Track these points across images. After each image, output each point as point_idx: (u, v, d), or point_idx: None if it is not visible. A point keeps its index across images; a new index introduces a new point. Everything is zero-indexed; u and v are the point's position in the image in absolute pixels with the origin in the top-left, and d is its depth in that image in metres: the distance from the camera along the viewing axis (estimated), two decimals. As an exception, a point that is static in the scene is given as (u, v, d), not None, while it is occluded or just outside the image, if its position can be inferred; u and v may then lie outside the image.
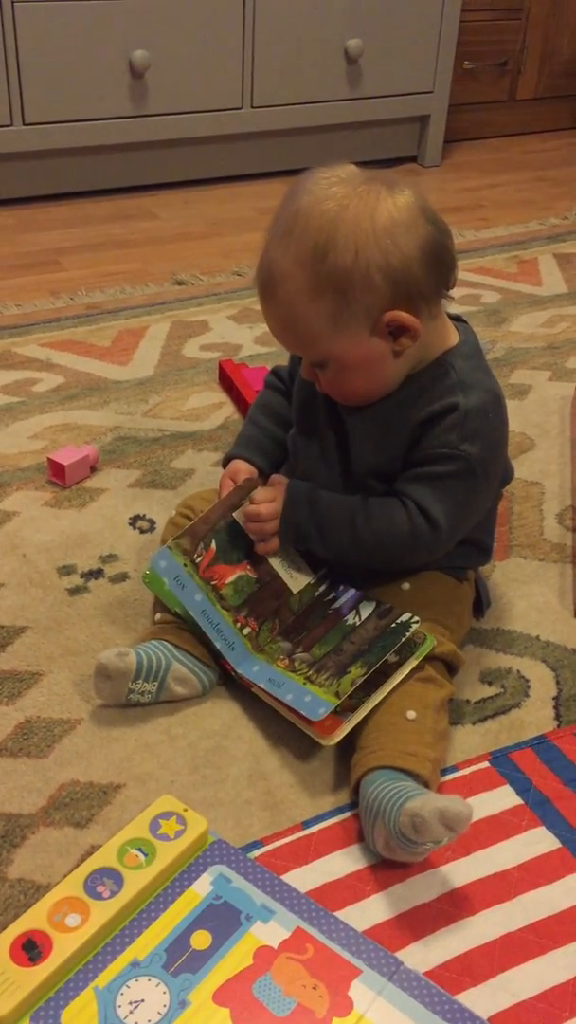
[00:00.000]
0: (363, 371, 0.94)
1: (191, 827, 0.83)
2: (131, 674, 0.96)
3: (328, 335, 0.91)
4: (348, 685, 0.92)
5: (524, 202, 2.50)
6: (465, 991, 0.76)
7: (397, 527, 0.96)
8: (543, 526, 1.28)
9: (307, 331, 0.91)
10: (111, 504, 1.30)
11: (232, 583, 0.99)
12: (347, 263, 0.87)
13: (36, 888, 0.83)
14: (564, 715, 1.01)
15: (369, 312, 0.89)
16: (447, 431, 0.94)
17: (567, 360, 1.69)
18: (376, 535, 0.97)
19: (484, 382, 0.97)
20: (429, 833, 0.78)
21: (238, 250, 2.12)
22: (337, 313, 0.89)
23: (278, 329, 0.95)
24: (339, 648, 0.97)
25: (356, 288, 0.88)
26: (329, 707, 0.91)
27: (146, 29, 2.18)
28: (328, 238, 0.87)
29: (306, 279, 0.88)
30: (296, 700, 0.93)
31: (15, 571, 1.17)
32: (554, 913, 0.82)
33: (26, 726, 0.97)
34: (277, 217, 0.92)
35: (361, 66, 2.46)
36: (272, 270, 0.91)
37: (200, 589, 0.97)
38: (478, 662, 1.06)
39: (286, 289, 0.90)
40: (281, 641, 1.00)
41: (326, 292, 0.88)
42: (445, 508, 0.95)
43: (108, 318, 1.79)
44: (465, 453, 0.94)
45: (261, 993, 0.73)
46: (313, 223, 0.88)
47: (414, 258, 0.88)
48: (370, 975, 0.74)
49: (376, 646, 0.94)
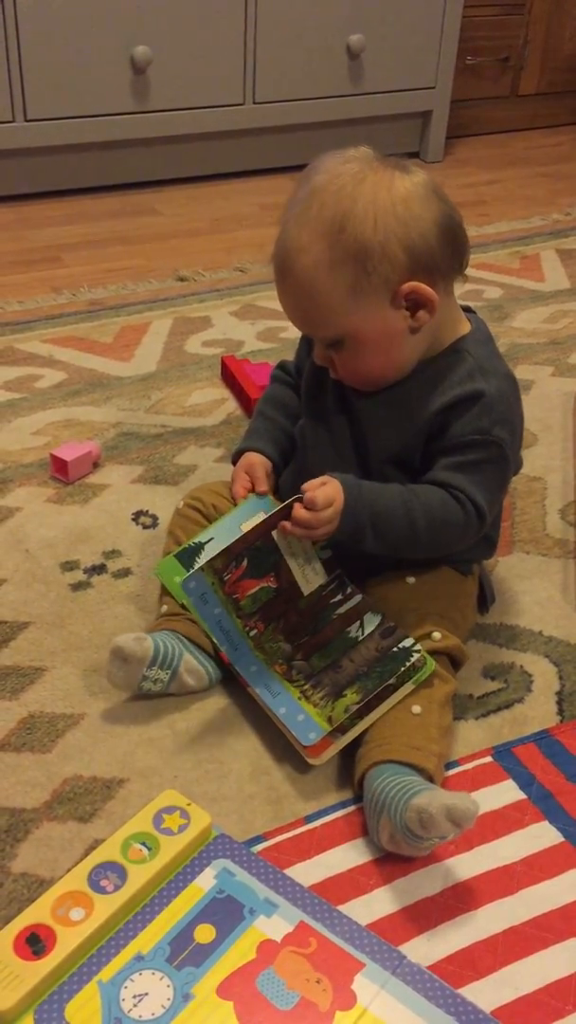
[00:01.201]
0: (381, 348, 0.93)
1: (194, 821, 0.83)
2: (147, 659, 0.96)
3: (347, 308, 0.90)
4: (342, 711, 0.91)
5: (526, 198, 2.50)
6: (468, 985, 0.76)
7: (452, 515, 0.95)
8: (546, 521, 1.28)
9: (326, 305, 0.91)
10: (114, 500, 1.30)
11: (252, 594, 0.97)
12: (366, 233, 0.88)
13: (40, 882, 0.83)
14: (567, 710, 1.01)
15: (388, 283, 0.89)
16: (477, 417, 0.94)
17: (569, 356, 1.69)
18: (432, 524, 0.95)
19: (501, 368, 0.98)
20: (436, 829, 0.78)
21: (240, 246, 2.12)
22: (356, 284, 0.89)
23: (295, 307, 0.94)
24: (338, 664, 0.96)
25: (375, 258, 0.88)
26: (320, 733, 0.91)
27: (147, 25, 2.18)
28: (346, 209, 0.88)
29: (325, 250, 0.88)
30: (289, 716, 0.93)
31: (18, 567, 1.17)
32: (557, 907, 0.82)
33: (29, 721, 0.98)
34: (292, 200, 0.92)
35: (363, 62, 2.46)
36: (290, 245, 0.91)
37: (220, 603, 0.95)
38: (481, 657, 1.06)
39: (304, 262, 0.90)
40: (282, 642, 0.99)
41: (346, 262, 0.88)
42: (483, 494, 0.95)
43: (110, 314, 1.80)
44: (498, 438, 0.94)
45: (265, 987, 0.73)
46: (330, 197, 0.89)
47: (431, 231, 0.90)
48: (373, 969, 0.74)
49: (375, 671, 0.93)
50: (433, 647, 0.95)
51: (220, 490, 1.11)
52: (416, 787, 0.82)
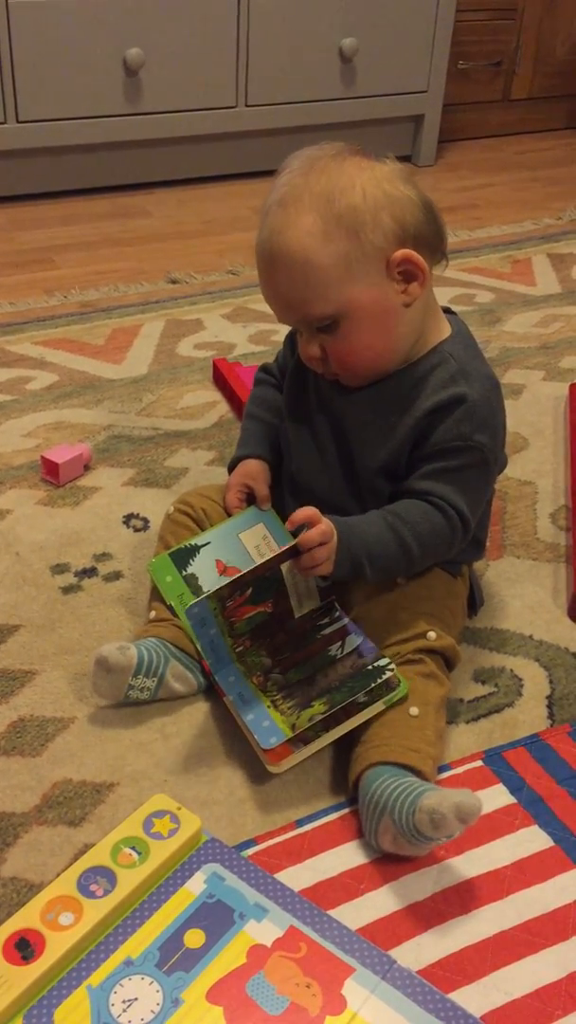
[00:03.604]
0: (376, 324, 0.93)
1: (184, 826, 0.83)
2: (132, 669, 0.96)
3: (342, 280, 0.90)
4: (306, 720, 0.91)
5: (518, 202, 2.51)
6: (458, 989, 0.76)
7: (438, 527, 0.95)
8: (536, 525, 1.29)
9: (321, 278, 0.90)
10: (105, 503, 1.30)
11: (248, 617, 0.96)
12: (356, 202, 0.89)
13: (29, 887, 0.82)
14: (557, 714, 1.01)
15: (381, 251, 0.90)
16: (458, 423, 0.94)
17: (561, 360, 1.70)
18: (421, 541, 0.95)
19: (483, 370, 0.97)
20: (446, 828, 0.79)
21: (232, 249, 2.11)
22: (350, 254, 0.89)
23: (288, 289, 0.93)
24: (312, 678, 0.95)
25: (367, 226, 0.89)
26: (281, 738, 0.90)
27: (140, 27, 2.18)
28: (334, 183, 0.89)
29: (317, 221, 0.89)
30: (254, 722, 0.92)
31: (8, 570, 1.17)
32: (547, 912, 0.82)
33: (19, 724, 0.97)
34: (271, 190, 0.93)
35: (356, 65, 2.46)
36: (277, 225, 0.91)
37: (217, 625, 0.95)
38: (472, 661, 1.06)
39: (295, 235, 0.89)
40: (264, 656, 0.98)
41: (339, 231, 0.89)
42: (467, 500, 0.96)
43: (102, 316, 1.79)
44: (479, 443, 0.94)
45: (254, 992, 0.73)
46: (315, 176, 0.90)
47: (417, 206, 0.91)
48: (363, 974, 0.74)
49: (346, 686, 0.93)
50: (429, 646, 0.95)
51: (210, 494, 1.11)
52: (419, 788, 0.83)
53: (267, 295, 0.96)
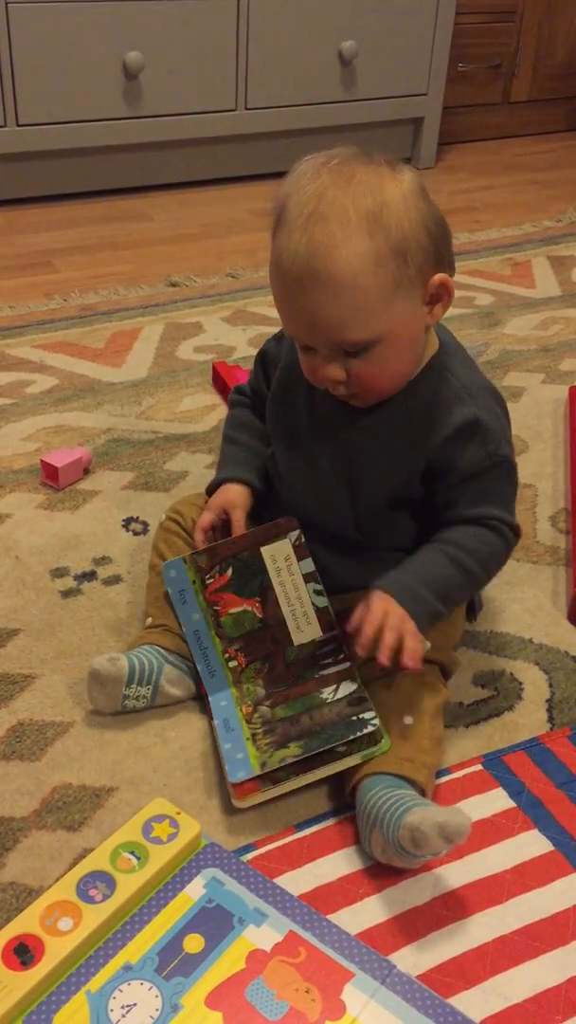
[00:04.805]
0: (406, 348, 0.89)
1: (184, 830, 0.83)
2: (124, 679, 0.96)
3: (388, 304, 0.84)
4: (277, 760, 0.89)
5: (518, 204, 2.51)
6: (458, 994, 0.76)
7: (494, 546, 0.94)
8: (536, 528, 1.28)
9: (367, 303, 0.83)
10: (104, 506, 1.30)
11: (234, 614, 0.94)
12: (403, 222, 0.83)
13: (28, 892, 0.82)
14: (557, 718, 1.01)
15: (422, 274, 0.85)
16: (481, 446, 0.93)
17: (560, 362, 1.70)
18: (484, 564, 0.94)
19: (480, 381, 0.96)
20: (428, 846, 0.78)
21: (232, 252, 2.12)
22: (399, 276, 0.83)
23: (328, 312, 0.84)
24: (297, 718, 0.93)
25: (412, 248, 0.83)
26: (249, 774, 0.89)
27: (140, 31, 2.18)
28: (377, 200, 0.82)
29: (365, 240, 0.81)
30: (230, 752, 0.92)
31: (8, 573, 1.17)
32: (547, 916, 0.82)
33: (18, 729, 0.97)
34: (297, 204, 0.84)
35: (355, 68, 2.46)
36: (321, 244, 0.82)
37: (200, 609, 0.93)
38: (471, 665, 1.06)
39: (343, 257, 0.81)
40: (260, 687, 0.97)
41: (389, 254, 0.82)
42: (508, 508, 0.96)
43: (101, 320, 1.79)
44: (504, 456, 0.94)
45: (254, 997, 0.73)
46: (353, 190, 0.82)
47: (437, 217, 0.87)
48: (363, 978, 0.74)
49: (326, 731, 0.91)
50: (425, 656, 0.95)
51: (202, 503, 1.09)
52: (408, 802, 0.82)
53: (291, 310, 0.87)
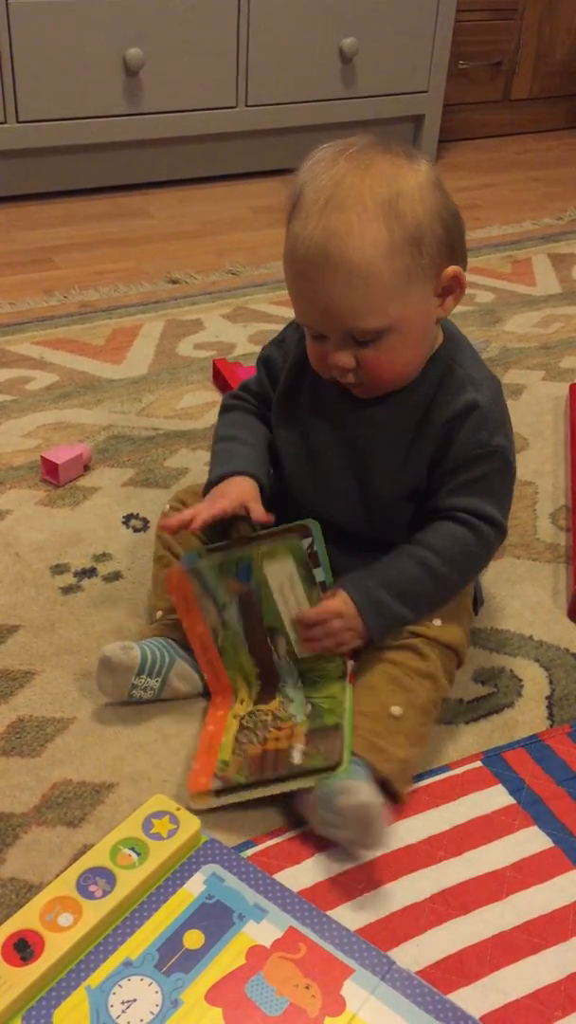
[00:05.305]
0: (418, 338, 0.90)
1: (184, 826, 0.83)
2: (135, 668, 0.95)
3: (402, 293, 0.85)
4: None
5: (518, 202, 2.51)
6: (457, 990, 0.76)
7: (468, 545, 0.93)
8: (537, 526, 1.29)
9: (381, 292, 0.84)
10: (104, 503, 1.30)
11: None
12: (418, 211, 0.83)
13: (28, 887, 0.82)
14: (557, 715, 1.01)
15: (435, 265, 0.86)
16: (475, 431, 0.92)
17: (560, 360, 1.70)
18: (455, 565, 0.93)
19: (485, 372, 0.97)
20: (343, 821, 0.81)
21: (232, 249, 2.11)
22: (412, 269, 0.84)
23: (334, 301, 0.85)
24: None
25: (427, 239, 0.84)
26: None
27: (140, 27, 2.18)
28: (394, 189, 0.83)
29: (382, 229, 0.82)
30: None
31: (8, 570, 1.17)
32: (546, 912, 0.82)
33: (19, 725, 0.97)
34: (312, 191, 0.84)
35: (356, 65, 2.46)
36: (336, 232, 0.82)
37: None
38: (471, 661, 1.06)
39: (359, 245, 0.82)
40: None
41: (404, 246, 0.83)
42: (496, 504, 0.94)
43: (102, 316, 1.79)
44: (499, 447, 0.93)
45: (254, 993, 0.73)
46: (371, 179, 0.83)
47: (452, 209, 0.87)
48: (362, 974, 0.74)
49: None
50: (435, 634, 0.93)
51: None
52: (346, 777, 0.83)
53: (304, 297, 0.88)
